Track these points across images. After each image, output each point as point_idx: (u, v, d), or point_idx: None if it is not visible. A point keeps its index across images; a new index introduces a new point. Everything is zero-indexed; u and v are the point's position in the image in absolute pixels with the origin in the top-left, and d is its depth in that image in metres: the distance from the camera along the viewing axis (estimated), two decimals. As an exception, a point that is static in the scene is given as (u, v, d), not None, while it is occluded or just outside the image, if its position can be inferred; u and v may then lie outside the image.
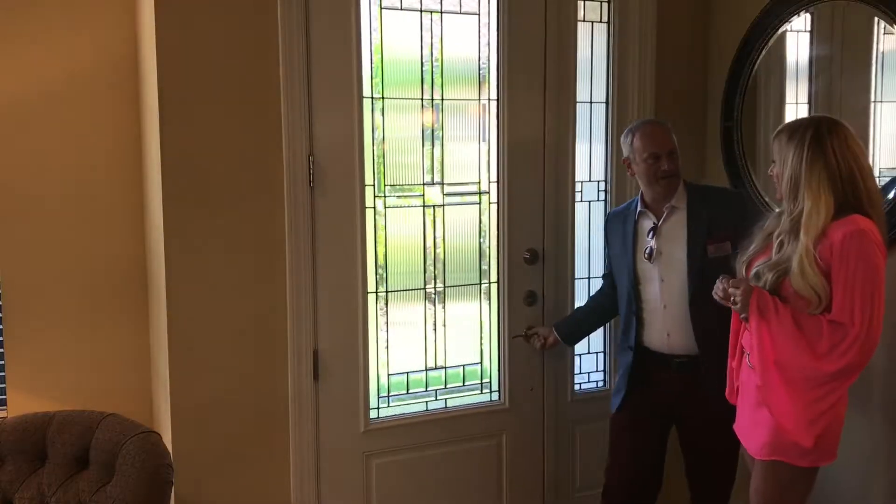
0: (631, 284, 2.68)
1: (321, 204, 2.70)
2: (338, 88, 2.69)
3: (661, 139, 2.62)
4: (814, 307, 2.11)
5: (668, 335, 2.63)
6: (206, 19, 2.52)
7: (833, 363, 2.09)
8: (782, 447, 2.16)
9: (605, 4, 3.10)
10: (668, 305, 2.63)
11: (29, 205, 2.70)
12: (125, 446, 2.35)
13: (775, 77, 2.97)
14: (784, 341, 2.11)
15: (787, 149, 2.17)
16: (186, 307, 2.57)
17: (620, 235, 2.74)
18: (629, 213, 2.74)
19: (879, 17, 2.55)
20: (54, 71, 2.69)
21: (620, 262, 2.74)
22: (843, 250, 2.08)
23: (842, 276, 2.08)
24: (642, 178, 2.65)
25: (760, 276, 2.19)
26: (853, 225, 2.09)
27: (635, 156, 2.65)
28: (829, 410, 2.15)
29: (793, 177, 2.16)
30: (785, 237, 2.17)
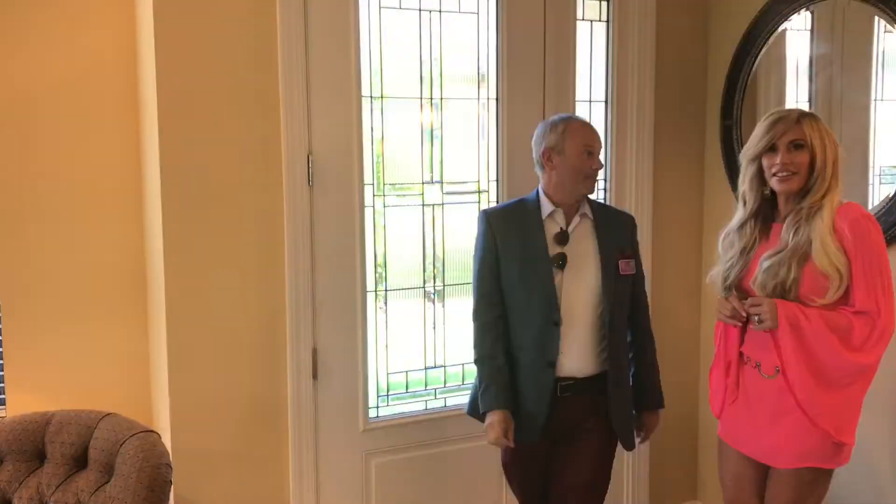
0: (552, 294, 2.36)
1: (320, 203, 2.70)
2: (337, 87, 2.69)
3: (595, 135, 2.42)
4: (834, 289, 2.09)
5: (564, 357, 2.37)
6: (205, 19, 2.52)
7: (868, 354, 2.09)
8: (819, 452, 2.14)
9: (605, 3, 3.10)
10: (572, 325, 2.38)
11: (28, 204, 2.70)
12: (124, 446, 2.35)
13: (775, 75, 2.97)
14: (820, 345, 2.09)
15: (821, 133, 2.14)
16: (185, 306, 2.57)
17: (521, 239, 2.41)
18: (528, 212, 2.44)
19: (879, 16, 2.55)
20: (53, 71, 2.68)
21: (531, 269, 2.38)
22: (859, 237, 2.08)
23: (861, 263, 2.08)
24: (568, 173, 2.38)
25: (780, 269, 2.14)
26: (857, 210, 2.13)
27: (565, 147, 2.37)
28: (859, 406, 2.16)
29: (834, 160, 2.14)
30: (802, 223, 2.13)
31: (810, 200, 2.15)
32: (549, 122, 2.45)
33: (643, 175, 3.16)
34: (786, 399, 2.15)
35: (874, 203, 2.59)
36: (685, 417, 3.39)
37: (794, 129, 2.15)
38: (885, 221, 2.50)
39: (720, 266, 2.33)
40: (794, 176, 2.16)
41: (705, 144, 3.28)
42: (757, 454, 2.26)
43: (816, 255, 2.09)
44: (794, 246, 2.13)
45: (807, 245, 2.11)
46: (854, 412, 2.16)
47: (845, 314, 2.10)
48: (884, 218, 2.51)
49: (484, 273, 2.45)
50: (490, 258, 2.44)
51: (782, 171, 2.16)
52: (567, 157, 2.37)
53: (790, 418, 2.16)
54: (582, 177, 2.38)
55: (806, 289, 2.12)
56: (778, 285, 2.14)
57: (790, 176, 2.16)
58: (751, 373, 2.26)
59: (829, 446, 2.14)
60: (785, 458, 2.18)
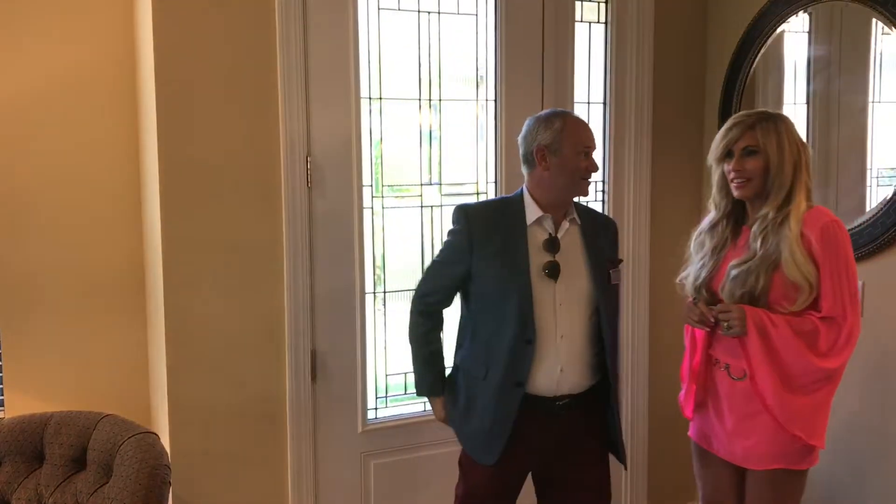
0: (528, 306, 2.18)
1: (319, 204, 2.70)
2: (335, 89, 2.69)
3: (592, 134, 2.27)
4: (804, 297, 2.10)
5: (560, 371, 2.22)
6: (204, 20, 2.52)
7: (834, 359, 2.10)
8: (789, 454, 2.15)
9: (603, 5, 3.10)
10: (565, 336, 2.22)
11: (26, 205, 2.70)
12: (123, 447, 2.35)
13: (773, 77, 2.97)
14: (787, 351, 2.09)
15: (779, 138, 2.13)
16: (184, 307, 2.57)
17: (501, 245, 2.23)
18: (511, 215, 2.26)
19: (877, 18, 2.55)
20: (52, 71, 2.69)
21: (506, 276, 2.20)
22: (827, 242, 2.08)
23: (829, 269, 2.08)
24: (563, 174, 2.21)
25: (748, 277, 2.13)
26: (826, 216, 2.13)
27: (563, 146, 2.20)
28: (828, 409, 2.17)
29: (794, 166, 2.13)
30: (769, 230, 2.12)
31: (771, 206, 2.14)
32: (542, 117, 2.27)
33: (641, 176, 3.17)
34: (755, 401, 2.15)
35: (872, 205, 2.59)
36: (684, 419, 3.38)
37: (747, 135, 2.16)
38: (884, 224, 2.51)
39: (691, 266, 2.32)
40: (748, 182, 2.16)
41: (703, 146, 3.28)
42: (729, 456, 2.26)
43: (787, 266, 2.08)
44: (762, 255, 2.11)
45: (776, 255, 2.10)
46: (823, 416, 2.16)
47: (812, 320, 2.10)
48: (882, 220, 2.52)
49: (443, 271, 2.31)
50: (457, 261, 2.26)
51: (737, 178, 2.18)
52: (563, 157, 2.20)
53: (760, 420, 2.16)
54: (578, 178, 2.23)
55: (775, 297, 2.12)
56: (746, 294, 2.14)
57: (744, 182, 2.17)
58: (720, 375, 2.26)
59: (799, 448, 2.15)
60: (757, 460, 2.18)
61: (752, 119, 2.17)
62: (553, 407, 2.22)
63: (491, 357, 2.23)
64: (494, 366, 2.22)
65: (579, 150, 2.21)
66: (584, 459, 2.32)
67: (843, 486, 2.75)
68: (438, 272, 2.34)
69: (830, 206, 2.77)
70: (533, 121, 2.28)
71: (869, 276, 2.60)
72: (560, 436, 2.26)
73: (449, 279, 2.31)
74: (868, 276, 2.61)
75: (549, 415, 2.23)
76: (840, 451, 2.75)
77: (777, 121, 2.16)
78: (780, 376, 2.11)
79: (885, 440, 2.60)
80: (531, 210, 2.26)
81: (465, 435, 2.33)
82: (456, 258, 2.28)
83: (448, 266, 2.31)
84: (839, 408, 2.73)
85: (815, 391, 2.12)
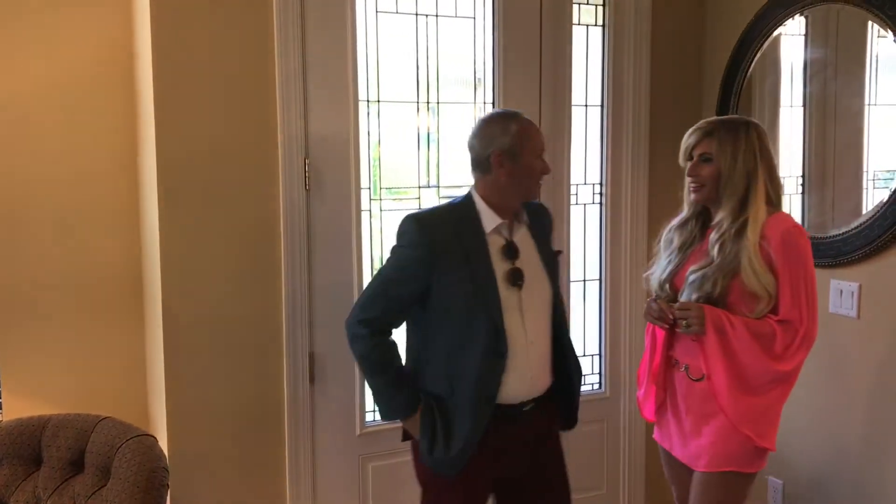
0: (500, 318, 2.09)
1: (317, 207, 2.71)
2: (333, 91, 2.70)
3: (542, 136, 2.21)
4: (762, 306, 2.13)
5: (531, 378, 2.16)
6: (202, 21, 2.53)
7: (788, 362, 2.13)
8: (741, 456, 2.17)
9: (601, 8, 3.11)
10: (533, 342, 2.16)
11: (23, 208, 2.69)
12: (121, 450, 2.34)
13: (770, 80, 2.98)
14: (743, 352, 2.12)
15: (734, 146, 2.16)
16: (182, 310, 2.57)
17: (464, 253, 2.10)
18: (467, 222, 2.14)
19: (873, 21, 2.56)
20: (49, 71, 2.68)
21: (475, 289, 2.09)
22: (787, 248, 2.11)
23: (787, 274, 2.11)
24: (523, 178, 2.14)
25: (704, 283, 2.15)
26: (787, 221, 2.16)
27: (522, 151, 2.12)
28: (779, 412, 2.20)
29: (747, 175, 2.16)
30: (727, 238, 2.14)
31: (724, 213, 2.16)
32: (494, 119, 2.18)
33: (638, 179, 3.17)
34: (712, 403, 2.17)
35: (868, 207, 2.60)
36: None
37: (704, 142, 2.20)
38: (881, 226, 2.52)
39: (657, 263, 2.34)
40: (701, 188, 2.21)
41: (701, 148, 3.28)
42: (684, 458, 2.27)
43: (745, 275, 2.11)
44: (719, 263, 2.14)
45: (734, 263, 2.12)
46: (774, 418, 2.19)
47: (769, 322, 2.13)
48: (878, 222, 2.52)
49: (397, 290, 2.12)
50: (415, 277, 2.10)
51: (691, 183, 2.23)
52: (522, 161, 2.12)
53: (715, 422, 2.17)
54: (535, 182, 2.17)
55: (733, 301, 2.15)
56: (702, 298, 2.16)
57: (698, 188, 2.21)
58: (679, 376, 2.27)
59: (751, 451, 2.16)
60: (709, 461, 2.19)
61: (711, 126, 2.21)
62: (519, 413, 2.16)
63: (456, 373, 2.10)
64: (461, 382, 2.10)
65: (537, 154, 2.16)
66: (546, 460, 2.28)
67: (843, 487, 2.75)
68: (389, 292, 2.14)
69: (827, 209, 2.79)
70: (485, 124, 2.18)
71: (866, 279, 2.61)
72: (525, 439, 2.20)
73: (405, 298, 2.13)
74: (865, 279, 2.61)
75: (516, 421, 2.16)
76: (839, 452, 2.75)
77: (739, 129, 2.18)
78: (736, 376, 2.13)
79: (882, 441, 2.61)
80: (488, 217, 2.14)
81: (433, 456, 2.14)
82: (413, 274, 2.11)
83: (403, 284, 2.12)
84: (835, 409, 2.74)
85: (768, 392, 2.15)
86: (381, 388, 2.16)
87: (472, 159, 2.19)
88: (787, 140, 2.93)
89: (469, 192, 2.20)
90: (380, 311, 2.13)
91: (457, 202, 2.21)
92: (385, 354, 2.15)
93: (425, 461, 2.16)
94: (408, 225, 2.14)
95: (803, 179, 2.89)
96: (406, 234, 2.14)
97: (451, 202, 2.23)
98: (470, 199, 2.18)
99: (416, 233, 2.11)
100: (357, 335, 2.14)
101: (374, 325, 2.13)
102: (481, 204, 2.16)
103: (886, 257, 2.54)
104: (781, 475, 2.96)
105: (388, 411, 2.18)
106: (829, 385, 2.77)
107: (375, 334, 2.13)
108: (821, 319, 2.74)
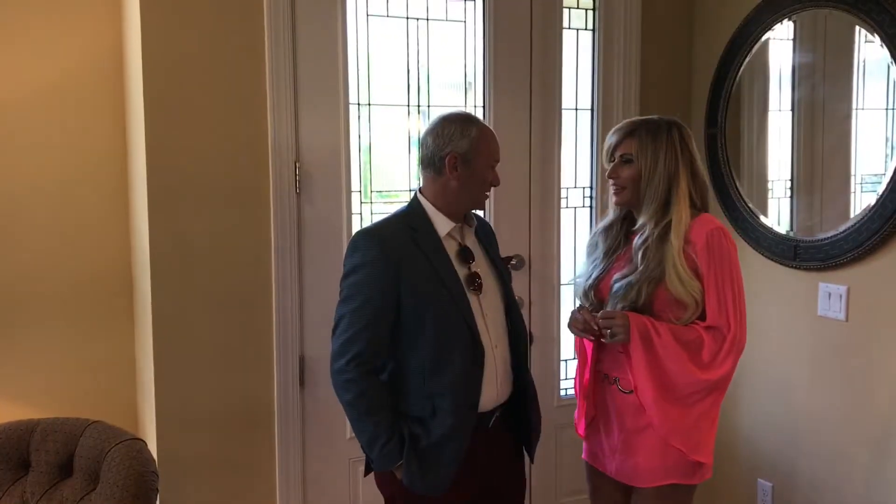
0: (473, 324, 2.03)
1: (308, 210, 2.70)
2: (324, 95, 2.70)
3: (498, 146, 2.14)
4: (689, 313, 2.07)
5: (499, 383, 2.10)
6: (193, 25, 2.52)
7: (716, 370, 2.05)
8: (679, 468, 2.10)
9: (591, 12, 3.12)
10: (497, 345, 2.10)
11: (13, 210, 2.69)
12: (110, 454, 2.33)
13: (759, 84, 3.00)
14: (670, 361, 2.04)
15: (654, 147, 2.10)
16: (172, 313, 2.56)
17: (427, 262, 2.01)
18: (420, 230, 2.05)
19: (860, 26, 2.58)
20: (39, 74, 2.68)
21: (446, 298, 2.00)
22: (711, 252, 2.05)
23: (713, 278, 2.05)
24: (473, 186, 2.06)
25: (629, 292, 2.08)
26: (711, 223, 2.09)
27: (477, 156, 2.04)
28: (714, 422, 2.13)
29: (668, 177, 2.09)
30: (651, 243, 2.08)
31: (646, 216, 2.10)
32: (453, 119, 2.06)
33: (629, 182, 3.18)
34: (644, 416, 2.10)
35: (856, 211, 2.61)
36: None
37: (625, 142, 2.14)
38: (868, 229, 2.53)
39: (584, 268, 2.28)
40: (622, 190, 2.15)
41: (690, 152, 3.30)
42: (618, 475, 2.19)
43: (670, 283, 2.04)
44: (643, 270, 2.07)
45: (658, 270, 2.05)
46: (708, 430, 2.11)
47: (696, 329, 2.06)
48: (866, 225, 2.54)
49: (371, 317, 1.97)
50: (384, 299, 1.97)
51: (612, 185, 2.17)
52: (475, 168, 2.04)
53: (648, 435, 2.10)
54: (484, 192, 2.09)
55: (659, 308, 2.09)
56: (628, 307, 2.09)
57: (619, 190, 2.16)
58: (610, 390, 2.19)
59: (689, 462, 2.10)
60: (646, 476, 2.12)
61: (633, 126, 2.16)
62: (490, 420, 2.10)
63: (437, 388, 2.00)
64: (443, 398, 1.99)
65: (491, 163, 2.08)
66: (509, 469, 2.22)
67: (833, 490, 2.77)
68: (363, 319, 1.97)
69: (815, 212, 2.81)
70: (443, 123, 2.06)
71: (854, 282, 2.63)
72: (493, 448, 2.14)
73: (383, 322, 1.99)
74: (853, 282, 2.63)
75: (487, 429, 2.10)
76: (829, 455, 2.76)
77: (660, 130, 2.13)
78: (662, 387, 2.05)
79: (870, 443, 2.62)
80: (440, 221, 2.06)
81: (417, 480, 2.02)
82: (381, 291, 1.97)
83: (374, 305, 1.98)
84: (823, 411, 2.75)
85: (697, 402, 2.07)
86: (376, 435, 2.00)
87: (424, 156, 2.08)
88: (776, 144, 2.95)
89: (415, 197, 2.12)
90: (365, 343, 1.98)
91: (404, 210, 2.11)
92: (379, 394, 2.01)
93: (415, 488, 2.03)
94: (360, 240, 2.03)
95: (791, 183, 2.90)
96: (358, 250, 2.01)
97: (397, 211, 2.13)
98: (418, 204, 2.09)
99: (369, 248, 2.00)
100: (348, 380, 1.99)
101: (362, 360, 1.98)
102: (430, 208, 2.07)
103: (874, 260, 2.56)
104: (771, 477, 2.97)
105: (383, 459, 2.01)
106: (817, 388, 2.78)
107: (367, 375, 1.99)
108: (810, 322, 2.78)
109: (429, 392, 2.01)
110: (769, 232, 2.91)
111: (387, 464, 2.02)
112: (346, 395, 2.01)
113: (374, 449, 2.02)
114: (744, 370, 3.06)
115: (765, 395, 3.00)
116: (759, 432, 3.02)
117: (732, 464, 3.11)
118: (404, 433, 2.02)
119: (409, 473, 2.01)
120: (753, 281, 2.99)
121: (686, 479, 2.12)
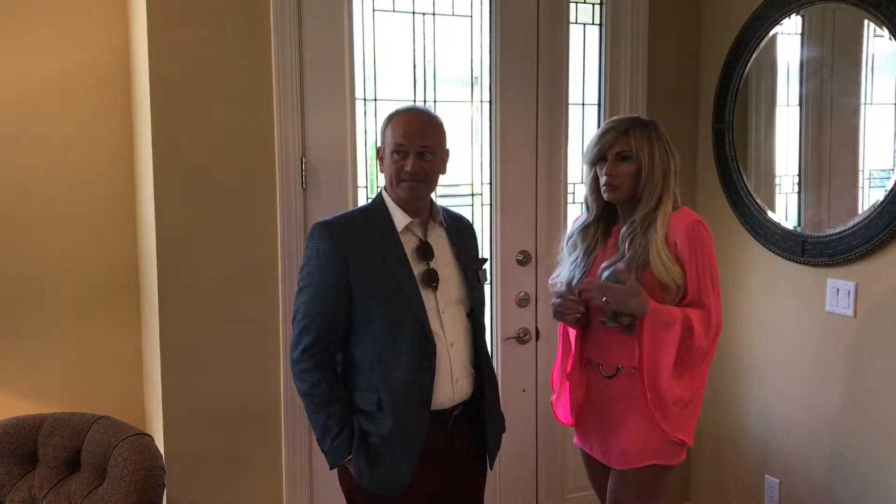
0: (425, 318, 2.04)
1: (314, 206, 2.70)
2: (330, 90, 2.69)
3: (416, 131, 2.05)
4: (671, 297, 2.17)
5: (456, 381, 2.10)
6: (199, 20, 2.52)
7: (708, 341, 2.15)
8: (662, 449, 2.18)
9: (598, 7, 3.11)
10: (454, 343, 2.10)
11: (19, 206, 2.69)
12: (117, 449, 2.34)
13: (767, 79, 2.99)
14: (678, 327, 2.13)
15: (650, 144, 2.19)
16: (178, 308, 2.56)
17: (380, 254, 2.03)
18: (378, 223, 2.08)
19: (869, 20, 2.56)
20: (46, 70, 2.68)
21: (396, 290, 2.02)
22: (692, 240, 2.15)
23: (694, 263, 2.16)
24: (387, 176, 2.09)
25: (616, 278, 2.16)
26: (692, 216, 2.20)
27: (385, 146, 2.09)
28: (697, 407, 2.22)
29: (664, 171, 2.20)
30: (637, 232, 2.17)
31: (642, 211, 2.19)
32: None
33: (636, 178, 3.17)
34: (627, 398, 2.19)
35: (864, 206, 2.60)
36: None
37: (621, 140, 2.20)
38: (877, 225, 2.52)
39: (562, 268, 2.35)
40: (618, 187, 2.21)
41: (697, 148, 3.29)
42: (604, 458, 2.28)
43: (654, 265, 2.14)
44: (630, 256, 2.17)
45: (643, 255, 2.15)
46: (693, 412, 2.21)
47: (680, 309, 2.16)
48: (874, 221, 2.53)
49: (324, 307, 2.02)
50: (335, 290, 2.01)
51: (608, 182, 2.21)
52: (384, 158, 2.10)
53: (632, 417, 2.19)
54: (397, 181, 2.06)
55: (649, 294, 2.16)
56: None
57: (615, 187, 2.21)
58: (592, 374, 2.29)
59: (672, 443, 2.18)
60: (627, 457, 2.20)
61: (626, 124, 2.23)
62: (448, 419, 2.11)
63: (384, 383, 2.02)
64: (390, 391, 2.01)
65: (392, 150, 2.06)
66: (468, 467, 2.22)
67: (840, 486, 2.76)
68: (316, 310, 2.02)
69: (823, 208, 2.80)
70: None
71: (862, 278, 2.62)
72: (452, 448, 2.14)
73: (335, 311, 2.03)
74: (861, 278, 2.62)
75: (445, 428, 2.10)
76: (836, 450, 2.76)
77: (650, 128, 2.23)
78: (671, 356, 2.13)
79: (879, 439, 2.61)
80: (398, 216, 2.09)
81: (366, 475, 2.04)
82: (330, 282, 2.02)
83: (325, 295, 2.02)
84: (831, 407, 2.75)
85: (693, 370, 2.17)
86: (329, 428, 2.03)
87: None
88: (784, 139, 2.93)
89: (380, 192, 2.16)
90: (317, 333, 2.02)
91: (368, 204, 2.17)
92: (332, 386, 2.04)
93: (364, 483, 2.04)
94: (313, 232, 2.07)
95: (799, 178, 2.89)
96: (312, 240, 2.06)
97: (363, 205, 2.18)
98: (380, 198, 2.14)
99: (321, 238, 2.04)
100: (304, 370, 2.03)
101: (315, 351, 2.02)
102: (390, 203, 2.11)
103: (883, 256, 2.55)
104: (778, 473, 2.96)
105: (335, 452, 2.04)
106: (825, 383, 2.77)
107: (321, 365, 2.03)
108: (817, 318, 2.78)
109: (375, 386, 2.03)
110: (777, 227, 2.90)
111: (338, 457, 2.05)
112: (301, 386, 2.06)
113: (326, 442, 2.05)
114: (751, 365, 3.06)
115: (772, 391, 2.99)
116: (767, 428, 3.01)
117: (740, 460, 3.11)
118: (355, 427, 2.04)
119: (359, 468, 2.04)
120: (761, 276, 2.98)
121: (666, 459, 2.20)
